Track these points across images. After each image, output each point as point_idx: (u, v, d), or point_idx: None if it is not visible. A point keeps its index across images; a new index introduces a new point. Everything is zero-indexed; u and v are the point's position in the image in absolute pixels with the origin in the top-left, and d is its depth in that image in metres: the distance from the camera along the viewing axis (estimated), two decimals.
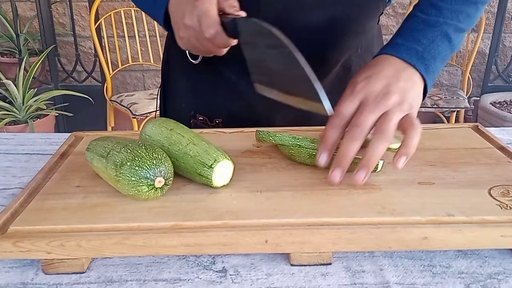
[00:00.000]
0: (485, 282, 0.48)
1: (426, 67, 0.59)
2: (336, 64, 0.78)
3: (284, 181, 0.58)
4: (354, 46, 0.80)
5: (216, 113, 0.81)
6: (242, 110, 0.80)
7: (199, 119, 0.83)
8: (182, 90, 0.85)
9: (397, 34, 0.64)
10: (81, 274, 0.50)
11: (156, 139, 0.60)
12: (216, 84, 0.80)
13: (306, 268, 0.50)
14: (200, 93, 0.83)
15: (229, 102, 0.80)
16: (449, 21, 0.63)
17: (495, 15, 2.75)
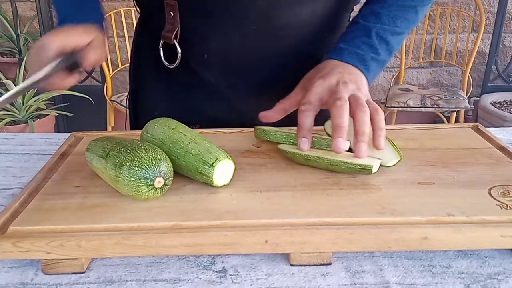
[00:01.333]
0: (485, 282, 0.48)
1: (366, 67, 0.66)
2: (318, 61, 0.78)
3: (284, 181, 0.58)
4: (332, 42, 0.79)
5: (194, 119, 0.78)
6: (223, 112, 0.78)
7: None
8: (155, 97, 0.83)
9: (341, 40, 0.69)
10: (81, 274, 0.50)
11: (158, 137, 0.60)
12: (195, 88, 0.78)
13: (306, 268, 0.50)
14: (176, 98, 0.80)
15: (209, 105, 0.79)
16: (386, 26, 0.69)
17: (495, 15, 2.75)
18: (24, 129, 2.43)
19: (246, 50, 0.72)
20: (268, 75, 0.75)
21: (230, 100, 0.77)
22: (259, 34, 0.70)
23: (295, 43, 0.74)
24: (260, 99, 0.76)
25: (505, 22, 2.81)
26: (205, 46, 0.73)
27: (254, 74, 0.75)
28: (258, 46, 0.72)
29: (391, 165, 0.60)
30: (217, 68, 0.75)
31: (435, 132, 0.73)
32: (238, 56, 0.73)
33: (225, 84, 0.76)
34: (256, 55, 0.73)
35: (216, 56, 0.73)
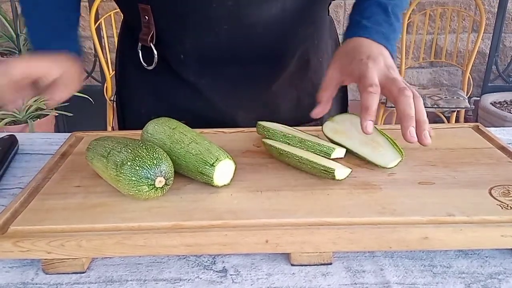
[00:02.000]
0: (485, 282, 0.48)
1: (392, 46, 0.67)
2: (293, 57, 0.78)
3: (284, 181, 0.58)
4: (309, 38, 0.80)
5: (179, 115, 0.77)
6: (204, 110, 0.79)
7: None
8: (140, 95, 0.83)
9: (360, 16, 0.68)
10: (81, 274, 0.50)
11: (158, 137, 0.60)
12: (176, 86, 0.79)
13: (307, 268, 0.50)
14: (160, 96, 0.81)
15: (191, 103, 0.79)
16: (398, 2, 0.70)
17: (495, 15, 2.75)
18: (24, 129, 2.43)
19: (220, 49, 0.73)
20: (244, 72, 0.76)
21: (210, 99, 0.78)
22: (231, 33, 0.71)
23: (268, 40, 0.74)
24: (238, 96, 0.77)
25: (505, 22, 2.81)
26: (180, 47, 0.74)
27: (230, 72, 0.76)
28: (231, 44, 0.73)
29: (392, 166, 0.60)
30: (194, 67, 0.76)
31: (435, 132, 0.73)
32: (213, 55, 0.74)
33: (204, 83, 0.77)
34: (230, 54, 0.74)
35: (192, 56, 0.74)
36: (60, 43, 0.68)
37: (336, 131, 0.65)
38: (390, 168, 0.60)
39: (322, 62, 0.83)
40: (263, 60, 0.75)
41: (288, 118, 0.81)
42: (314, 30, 0.80)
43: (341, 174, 0.57)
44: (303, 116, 0.81)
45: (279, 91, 0.80)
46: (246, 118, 0.79)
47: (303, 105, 0.82)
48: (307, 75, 0.81)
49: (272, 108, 0.80)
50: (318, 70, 0.83)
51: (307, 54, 0.80)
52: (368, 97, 0.58)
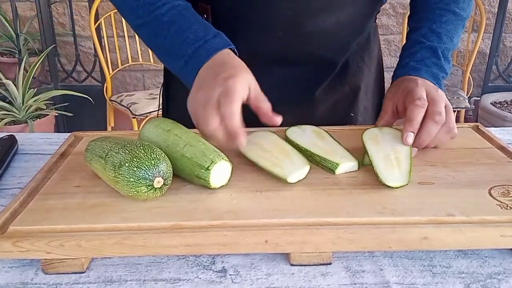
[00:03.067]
0: (485, 282, 0.48)
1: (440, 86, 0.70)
2: (338, 64, 0.80)
3: (284, 181, 0.58)
4: (354, 47, 0.81)
5: None
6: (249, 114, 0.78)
7: None
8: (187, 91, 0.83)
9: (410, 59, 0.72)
10: (81, 274, 0.50)
11: (154, 141, 0.60)
12: None
13: (306, 268, 0.50)
14: None
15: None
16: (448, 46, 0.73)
17: (495, 15, 2.75)
18: (24, 129, 2.43)
19: (270, 53, 0.75)
20: (290, 77, 0.77)
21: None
22: (284, 40, 0.73)
23: (317, 49, 0.76)
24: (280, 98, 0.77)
25: (505, 22, 2.81)
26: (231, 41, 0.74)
27: (276, 75, 0.77)
28: (282, 50, 0.74)
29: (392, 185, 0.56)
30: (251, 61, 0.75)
31: None
32: (263, 60, 0.75)
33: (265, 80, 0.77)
34: (280, 58, 0.75)
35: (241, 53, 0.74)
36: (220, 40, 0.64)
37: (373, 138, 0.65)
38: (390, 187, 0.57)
39: (362, 66, 0.84)
40: (309, 67, 0.77)
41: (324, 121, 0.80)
42: (360, 39, 0.81)
43: (292, 177, 0.57)
44: (338, 120, 0.82)
45: (319, 95, 0.80)
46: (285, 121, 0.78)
47: (339, 108, 0.83)
48: (346, 79, 0.82)
49: (310, 111, 0.81)
50: (357, 74, 0.83)
51: (349, 62, 0.82)
52: (413, 110, 0.62)
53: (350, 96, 0.83)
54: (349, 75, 0.82)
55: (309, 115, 0.81)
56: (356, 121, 0.84)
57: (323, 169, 0.61)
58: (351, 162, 0.60)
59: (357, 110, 0.84)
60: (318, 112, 0.81)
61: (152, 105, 2.44)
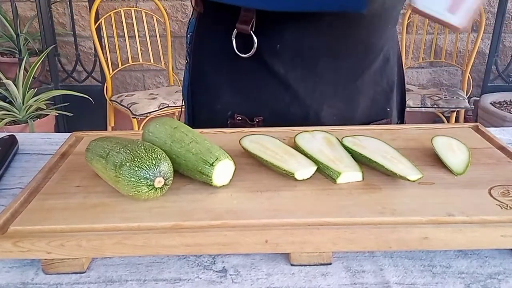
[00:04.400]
0: (485, 282, 0.48)
1: None
2: (380, 52, 0.80)
3: (284, 181, 0.58)
4: (391, 36, 0.82)
5: (257, 111, 0.79)
6: (288, 105, 0.78)
7: (237, 119, 0.80)
8: (217, 91, 0.81)
9: None
10: (81, 274, 0.50)
11: (159, 136, 0.60)
12: (262, 79, 0.78)
13: (306, 268, 0.50)
14: (240, 90, 0.79)
15: (275, 97, 0.78)
16: None
17: (495, 15, 2.75)
18: (24, 129, 2.43)
19: (317, 42, 0.73)
20: (333, 66, 0.76)
21: (297, 92, 0.77)
22: (332, 26, 0.72)
23: (364, 35, 0.75)
24: (325, 90, 0.77)
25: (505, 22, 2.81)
26: (279, 36, 0.73)
27: (320, 64, 0.76)
28: (328, 37, 0.73)
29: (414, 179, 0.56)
30: (288, 59, 0.75)
31: (435, 132, 0.73)
32: (309, 47, 0.74)
33: (294, 76, 0.76)
34: (325, 47, 0.74)
35: (289, 47, 0.73)
36: None
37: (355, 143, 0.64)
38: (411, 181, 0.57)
39: (395, 61, 0.85)
40: (353, 54, 0.76)
41: (363, 115, 0.81)
42: (394, 29, 0.82)
43: (301, 174, 0.57)
44: (376, 114, 0.82)
45: (361, 87, 0.80)
46: (328, 113, 0.78)
47: (378, 102, 0.83)
48: (385, 72, 0.82)
49: (352, 104, 0.80)
50: (394, 68, 0.84)
51: (388, 52, 0.82)
52: None
53: (387, 90, 0.83)
54: (389, 68, 0.82)
55: (352, 109, 0.80)
56: (391, 116, 0.84)
57: (326, 177, 0.59)
58: (355, 172, 0.58)
59: (392, 105, 0.84)
60: (360, 105, 0.81)
61: (152, 105, 2.44)
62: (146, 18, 2.72)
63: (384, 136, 0.71)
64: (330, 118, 0.78)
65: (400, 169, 0.57)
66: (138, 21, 2.72)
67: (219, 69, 0.80)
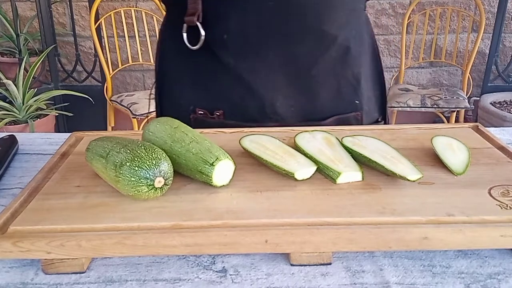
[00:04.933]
0: (485, 282, 0.48)
1: None
2: (334, 41, 0.78)
3: (284, 181, 0.58)
4: (349, 26, 0.80)
5: (216, 104, 0.80)
6: (243, 97, 0.79)
7: (199, 113, 0.81)
8: (180, 86, 0.84)
9: None
10: (81, 274, 0.50)
11: (159, 136, 0.60)
12: (216, 72, 0.79)
13: (306, 268, 0.50)
14: (199, 85, 0.81)
15: (229, 90, 0.79)
16: None
17: (495, 15, 2.75)
18: (24, 129, 2.43)
19: (263, 28, 0.73)
20: (284, 54, 0.76)
21: (249, 83, 0.77)
22: (276, 11, 0.71)
23: (310, 20, 0.74)
24: (277, 79, 0.76)
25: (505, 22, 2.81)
26: (225, 25, 0.74)
27: (270, 54, 0.76)
28: (275, 24, 0.73)
29: (412, 179, 0.56)
30: (236, 49, 0.75)
31: (435, 132, 0.73)
32: (256, 34, 0.74)
33: (244, 66, 0.76)
34: (273, 34, 0.74)
35: (235, 36, 0.74)
36: None
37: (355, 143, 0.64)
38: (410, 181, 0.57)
39: (361, 53, 0.83)
40: (303, 42, 0.75)
41: (327, 107, 0.80)
42: (352, 19, 0.80)
43: (301, 174, 0.57)
44: (343, 106, 0.81)
45: (318, 77, 0.79)
46: (284, 105, 0.78)
47: (343, 94, 0.82)
48: (347, 63, 0.81)
49: (310, 95, 0.79)
50: (358, 60, 0.82)
51: (347, 42, 0.80)
52: None
53: (353, 82, 0.82)
54: (351, 59, 0.81)
55: (311, 100, 0.79)
56: (361, 109, 0.83)
57: (326, 177, 0.59)
58: (355, 172, 0.58)
59: (361, 98, 0.83)
60: (321, 98, 0.80)
61: (152, 105, 2.44)
62: (146, 18, 2.72)
63: (384, 136, 0.71)
64: (288, 110, 0.78)
65: (400, 169, 0.57)
66: (138, 21, 2.72)
67: (179, 65, 0.82)
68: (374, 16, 2.93)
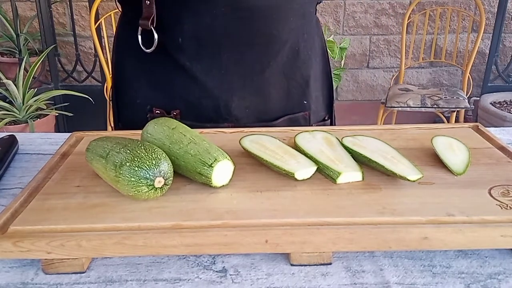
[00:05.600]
0: (485, 282, 0.48)
1: None
2: (285, 45, 0.80)
3: (284, 181, 0.58)
4: (300, 30, 0.82)
5: (173, 104, 0.81)
6: (198, 97, 0.80)
7: (156, 112, 0.82)
8: (136, 85, 0.85)
9: None
10: (81, 274, 0.50)
11: (157, 137, 0.60)
12: (172, 73, 0.80)
13: (306, 268, 0.50)
14: (155, 85, 0.82)
15: (186, 90, 0.80)
16: None
17: (495, 15, 2.75)
18: (24, 129, 2.43)
19: (215, 32, 0.75)
20: (238, 57, 0.78)
21: (205, 84, 0.79)
22: (227, 16, 0.73)
23: (261, 25, 0.76)
24: (232, 81, 0.79)
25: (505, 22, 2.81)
26: (179, 29, 0.76)
27: (224, 56, 0.78)
28: (226, 28, 0.75)
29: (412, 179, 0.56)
30: (191, 51, 0.77)
31: (435, 132, 0.73)
32: (209, 38, 0.76)
33: (199, 68, 0.78)
34: (225, 37, 0.76)
35: (189, 39, 0.76)
36: None
37: (355, 143, 0.64)
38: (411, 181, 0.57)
39: (311, 55, 0.85)
40: (255, 46, 0.78)
41: (278, 107, 0.83)
42: (303, 23, 0.83)
43: (301, 174, 0.57)
44: (292, 107, 0.84)
45: (270, 79, 0.81)
46: (239, 105, 0.80)
47: (293, 95, 0.84)
48: (297, 65, 0.84)
49: (263, 96, 0.82)
50: (307, 62, 0.85)
51: (297, 45, 0.82)
52: None
53: (302, 84, 0.85)
54: (300, 62, 0.83)
55: (264, 101, 0.82)
56: (309, 109, 0.86)
57: (326, 177, 0.59)
58: (355, 172, 0.58)
59: (309, 98, 0.86)
60: (273, 99, 0.82)
61: None
62: None
63: (384, 136, 0.71)
64: (242, 111, 0.80)
65: (400, 169, 0.57)
66: None
67: (135, 65, 0.83)
68: (374, 16, 2.93)
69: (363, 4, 2.91)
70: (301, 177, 0.58)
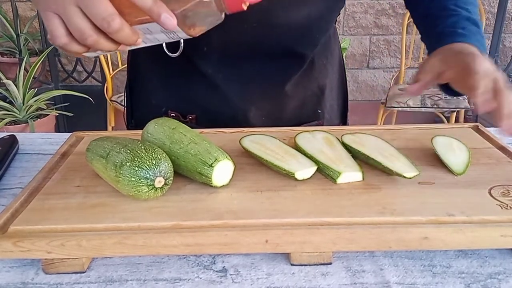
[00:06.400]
0: (485, 282, 0.48)
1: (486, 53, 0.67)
2: (307, 59, 0.81)
3: (284, 181, 0.58)
4: (323, 45, 0.83)
5: (189, 109, 0.81)
6: (217, 104, 0.80)
7: (171, 115, 0.82)
8: (152, 86, 0.84)
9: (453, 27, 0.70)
10: (82, 273, 0.50)
11: (158, 137, 0.60)
12: (192, 79, 0.80)
13: (306, 268, 0.50)
14: (173, 88, 0.82)
15: (205, 97, 0.80)
16: (476, 16, 0.71)
17: (495, 15, 2.75)
18: (24, 129, 2.43)
19: (243, 45, 0.75)
20: (261, 70, 0.78)
21: (224, 92, 0.79)
22: (257, 31, 0.73)
23: (289, 41, 0.77)
24: (252, 92, 0.79)
25: (505, 22, 2.81)
26: (206, 39, 0.75)
27: (248, 68, 0.78)
28: (254, 41, 0.75)
29: (410, 176, 0.57)
30: (214, 60, 0.77)
31: (435, 132, 0.73)
32: (235, 50, 0.76)
33: (221, 76, 0.78)
34: (251, 50, 0.76)
35: (215, 50, 0.76)
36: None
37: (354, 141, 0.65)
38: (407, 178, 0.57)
39: (326, 65, 0.86)
40: (280, 60, 0.78)
41: (293, 117, 0.83)
42: (326, 38, 0.83)
43: (301, 174, 0.57)
44: (307, 115, 0.84)
45: (289, 91, 0.82)
46: (256, 115, 0.81)
47: (307, 105, 0.84)
48: (313, 75, 0.84)
49: (280, 106, 0.82)
50: (323, 72, 0.85)
51: (318, 57, 0.83)
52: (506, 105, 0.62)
53: (317, 93, 0.85)
54: (316, 72, 0.84)
55: (280, 111, 0.82)
56: (323, 118, 0.87)
57: (326, 177, 0.59)
58: (355, 172, 0.58)
59: (323, 108, 0.87)
60: (289, 108, 0.83)
61: None
62: None
63: (384, 136, 0.71)
64: (259, 119, 0.81)
65: (397, 166, 0.57)
66: None
67: (153, 67, 0.83)
68: (374, 16, 2.93)
69: (363, 4, 2.91)
70: (301, 177, 0.58)
